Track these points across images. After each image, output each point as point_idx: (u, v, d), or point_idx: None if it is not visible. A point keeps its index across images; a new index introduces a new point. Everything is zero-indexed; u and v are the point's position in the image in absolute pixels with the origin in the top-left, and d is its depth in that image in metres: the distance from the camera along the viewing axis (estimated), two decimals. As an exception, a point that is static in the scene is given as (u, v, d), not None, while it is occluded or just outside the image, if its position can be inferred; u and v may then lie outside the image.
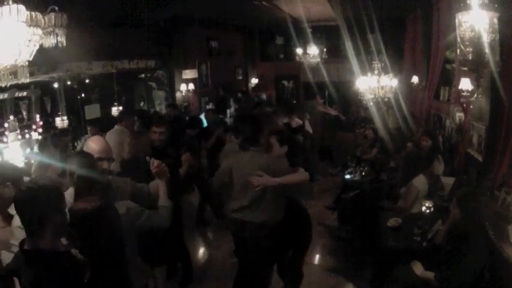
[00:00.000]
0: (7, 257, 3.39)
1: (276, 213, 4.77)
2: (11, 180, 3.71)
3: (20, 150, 7.80)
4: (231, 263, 6.33)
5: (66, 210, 2.74)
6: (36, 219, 2.57)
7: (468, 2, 3.16)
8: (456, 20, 3.28)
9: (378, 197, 6.77)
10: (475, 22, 3.16)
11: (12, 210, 3.59)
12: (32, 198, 2.57)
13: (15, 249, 3.41)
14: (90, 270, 2.68)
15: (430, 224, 5.00)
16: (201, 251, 7.39)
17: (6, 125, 7.98)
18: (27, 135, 8.46)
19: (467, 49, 3.23)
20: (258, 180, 4.48)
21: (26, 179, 4.12)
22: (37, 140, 8.28)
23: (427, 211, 5.20)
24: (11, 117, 8.27)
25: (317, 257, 6.81)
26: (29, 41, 3.18)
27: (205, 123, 9.55)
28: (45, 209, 2.58)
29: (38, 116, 9.01)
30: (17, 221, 3.62)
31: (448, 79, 8.22)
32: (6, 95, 8.06)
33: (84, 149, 3.97)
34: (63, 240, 2.75)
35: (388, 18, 11.39)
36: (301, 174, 4.71)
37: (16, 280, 2.59)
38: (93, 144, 3.89)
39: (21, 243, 2.68)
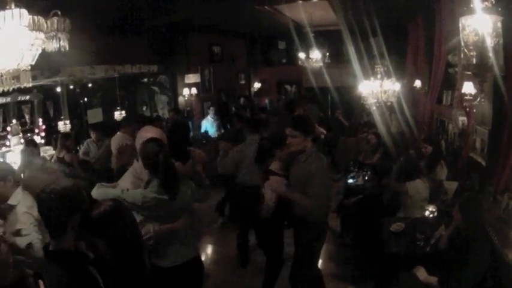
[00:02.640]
0: (20, 242, 3.64)
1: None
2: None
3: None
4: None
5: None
6: (59, 220, 2.59)
7: (472, 6, 3.15)
8: (460, 24, 3.27)
9: (380, 202, 6.75)
10: (478, 26, 3.15)
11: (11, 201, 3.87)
12: (55, 199, 2.58)
13: (25, 232, 3.72)
14: (109, 272, 2.68)
15: (433, 229, 4.99)
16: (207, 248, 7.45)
17: (9, 128, 8.02)
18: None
19: (471, 53, 3.21)
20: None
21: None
22: (40, 144, 8.30)
23: (430, 216, 5.18)
24: (14, 121, 8.32)
25: (320, 262, 6.78)
26: (32, 45, 3.19)
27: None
28: (68, 210, 2.59)
29: (40, 120, 9.04)
30: (23, 207, 3.82)
31: (451, 83, 8.20)
32: (9, 99, 8.09)
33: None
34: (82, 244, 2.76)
35: (390, 23, 11.40)
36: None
37: (41, 282, 2.60)
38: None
39: (45, 246, 2.71)
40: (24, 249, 3.58)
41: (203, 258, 7.08)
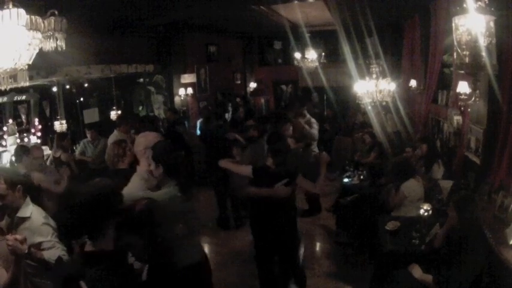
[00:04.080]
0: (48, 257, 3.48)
1: None
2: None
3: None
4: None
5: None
6: (99, 222, 2.59)
7: (465, 5, 3.18)
8: (453, 24, 3.30)
9: (375, 201, 6.78)
10: (471, 26, 3.18)
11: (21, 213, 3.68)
12: (93, 201, 2.58)
13: (48, 245, 3.57)
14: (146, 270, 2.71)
15: (428, 228, 5.02)
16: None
17: (5, 128, 8.01)
18: (26, 139, 8.49)
19: (464, 52, 3.24)
20: None
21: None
22: (36, 143, 8.31)
23: (425, 214, 5.21)
24: (10, 121, 8.31)
25: (316, 261, 6.81)
26: (29, 44, 3.18)
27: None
28: (107, 211, 2.61)
29: (36, 120, 9.03)
30: (39, 218, 3.69)
31: (446, 83, 8.23)
32: (5, 99, 8.10)
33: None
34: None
35: (386, 23, 11.42)
36: (243, 169, 5.31)
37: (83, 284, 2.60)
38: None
39: (81, 246, 2.70)
40: (51, 263, 3.47)
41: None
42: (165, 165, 3.66)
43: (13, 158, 6.75)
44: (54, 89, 9.59)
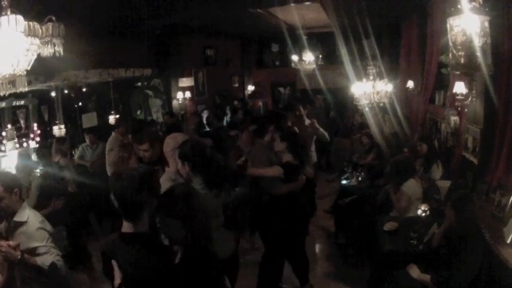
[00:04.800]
0: (42, 262, 3.47)
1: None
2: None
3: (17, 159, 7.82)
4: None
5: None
6: (137, 203, 2.68)
7: (459, 6, 3.20)
8: (448, 25, 3.32)
9: (373, 202, 6.80)
10: (466, 26, 3.20)
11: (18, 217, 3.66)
12: (134, 182, 2.68)
13: (43, 250, 3.55)
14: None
15: (426, 228, 5.04)
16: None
17: (4, 133, 8.00)
18: (24, 144, 8.48)
19: (459, 53, 3.26)
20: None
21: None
22: (34, 148, 8.31)
23: (423, 214, 5.24)
24: (9, 126, 8.30)
25: (315, 262, 6.82)
26: (27, 50, 3.21)
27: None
28: (145, 193, 2.69)
29: (35, 125, 9.03)
30: (35, 223, 3.67)
31: (444, 83, 8.24)
32: (3, 104, 8.09)
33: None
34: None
35: (383, 24, 11.45)
36: (274, 170, 5.39)
37: (114, 263, 2.66)
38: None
39: (118, 227, 2.81)
40: (45, 269, 3.46)
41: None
42: (191, 162, 3.73)
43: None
44: (53, 93, 9.59)
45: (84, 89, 11.02)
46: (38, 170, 6.59)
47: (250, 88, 17.57)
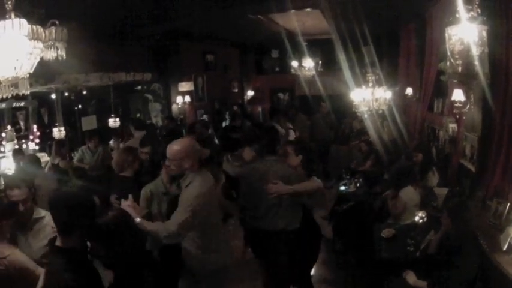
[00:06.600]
0: None
1: (292, 221, 4.87)
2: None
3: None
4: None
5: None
6: (68, 220, 2.70)
7: (457, 15, 3.24)
8: (446, 34, 3.36)
9: (371, 209, 6.82)
10: (464, 35, 3.25)
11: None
12: (67, 200, 2.74)
13: None
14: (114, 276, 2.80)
15: (423, 234, 5.06)
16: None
17: (3, 135, 8.03)
18: (24, 145, 8.51)
19: (457, 62, 3.31)
20: (274, 187, 4.66)
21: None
22: (34, 150, 8.34)
23: (420, 221, 5.26)
24: (9, 127, 8.33)
25: (312, 269, 6.82)
26: (30, 54, 3.23)
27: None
28: (77, 211, 2.70)
29: (35, 127, 9.05)
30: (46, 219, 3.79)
31: (442, 91, 8.26)
32: (3, 105, 8.12)
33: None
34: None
35: (382, 31, 11.49)
36: (315, 183, 4.91)
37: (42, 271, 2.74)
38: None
39: (52, 240, 2.86)
40: None
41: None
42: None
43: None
44: (53, 96, 9.62)
45: (84, 92, 11.05)
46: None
47: (250, 94, 17.59)
